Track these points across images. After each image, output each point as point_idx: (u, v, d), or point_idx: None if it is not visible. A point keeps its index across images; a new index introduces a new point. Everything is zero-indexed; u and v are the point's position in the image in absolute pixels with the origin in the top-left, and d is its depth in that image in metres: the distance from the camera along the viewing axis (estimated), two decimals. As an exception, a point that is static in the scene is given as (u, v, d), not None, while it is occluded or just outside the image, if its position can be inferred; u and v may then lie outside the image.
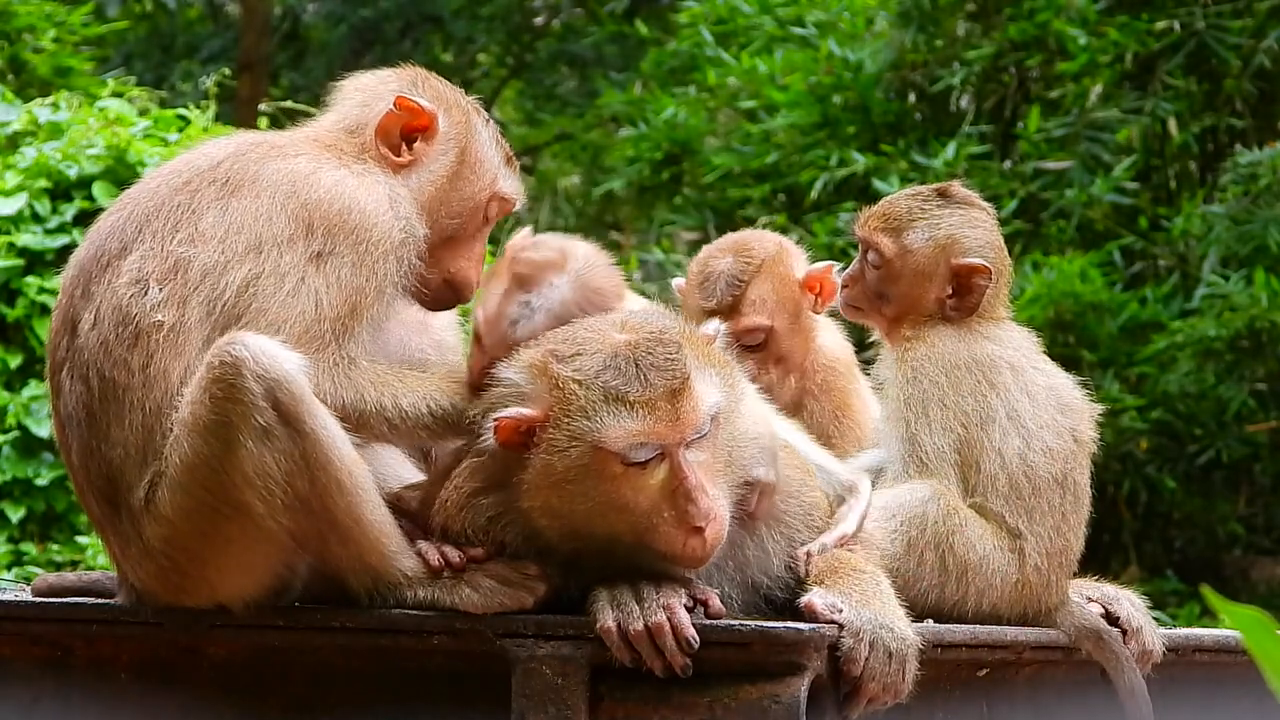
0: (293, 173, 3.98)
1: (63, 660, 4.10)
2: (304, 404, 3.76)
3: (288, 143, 4.11)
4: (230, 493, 3.77)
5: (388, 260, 3.96)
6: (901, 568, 4.18)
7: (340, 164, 4.05)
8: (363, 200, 3.98)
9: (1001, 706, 4.28)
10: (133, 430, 3.86)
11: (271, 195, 3.94)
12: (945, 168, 12.51)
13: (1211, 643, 4.78)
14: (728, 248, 4.90)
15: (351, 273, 3.91)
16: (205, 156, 4.07)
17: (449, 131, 4.19)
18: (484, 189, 4.23)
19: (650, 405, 3.63)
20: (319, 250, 3.91)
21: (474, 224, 4.23)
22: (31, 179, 10.03)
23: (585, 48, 20.93)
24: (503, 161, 4.29)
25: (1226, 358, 11.98)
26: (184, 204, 3.96)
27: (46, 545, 9.48)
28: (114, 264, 3.95)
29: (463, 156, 4.20)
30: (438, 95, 4.23)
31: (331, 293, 3.89)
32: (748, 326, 4.81)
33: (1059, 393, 4.42)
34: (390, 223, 3.99)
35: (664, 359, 3.66)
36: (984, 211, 4.54)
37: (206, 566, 3.87)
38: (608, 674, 3.70)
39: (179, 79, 20.38)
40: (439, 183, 4.16)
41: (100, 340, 3.90)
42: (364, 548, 3.83)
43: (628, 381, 3.64)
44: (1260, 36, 12.73)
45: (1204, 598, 4.33)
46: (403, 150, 4.14)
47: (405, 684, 3.90)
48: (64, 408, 4.00)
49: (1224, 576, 12.56)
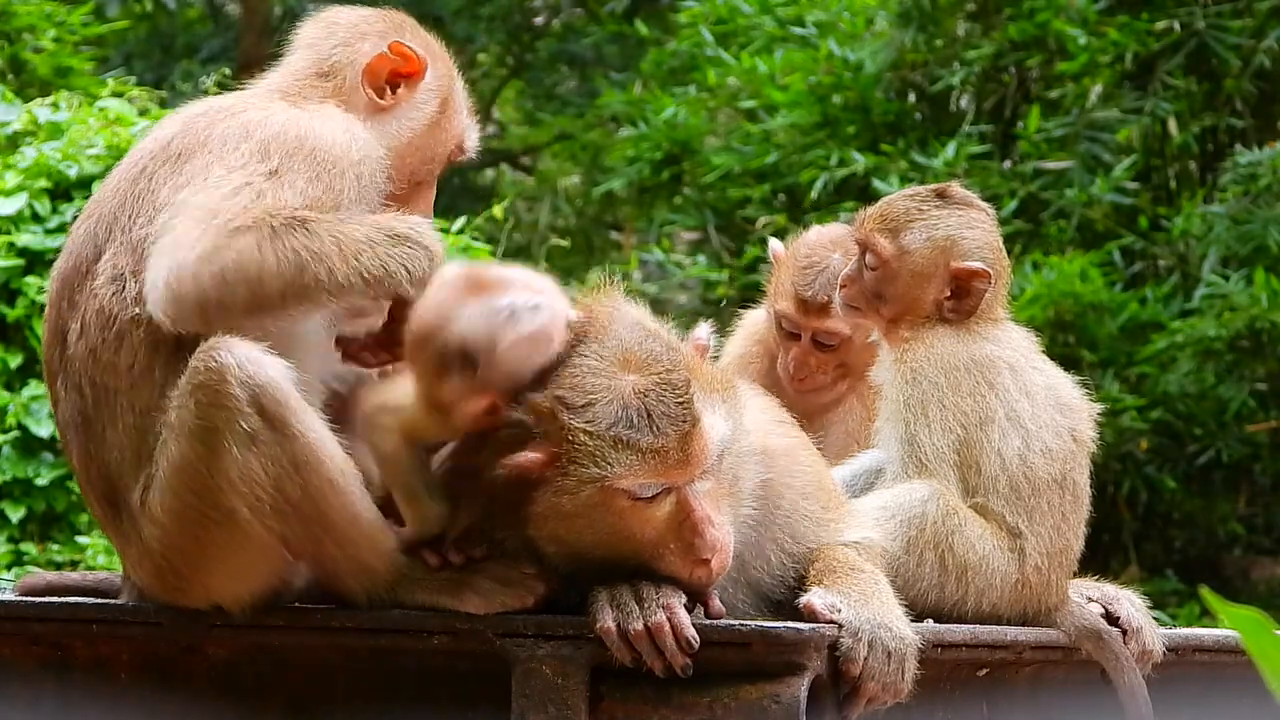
0: (244, 122, 3.95)
1: (63, 660, 4.10)
2: (289, 408, 3.73)
3: (235, 101, 4.10)
4: (217, 497, 3.75)
5: (345, 177, 3.91)
6: (901, 568, 4.19)
7: (292, 105, 4.04)
8: (318, 128, 3.95)
9: (1001, 706, 4.28)
10: (126, 433, 3.86)
11: (222, 145, 3.91)
12: (945, 168, 12.51)
13: (1211, 643, 4.78)
14: (839, 243, 4.94)
15: (307, 184, 3.86)
16: (156, 139, 4.05)
17: (433, 82, 4.23)
18: (455, 137, 4.29)
19: (661, 452, 3.61)
20: (273, 169, 3.86)
21: (440, 168, 4.29)
22: (31, 179, 10.03)
23: (585, 48, 20.92)
24: (468, 112, 4.36)
25: (1226, 358, 11.98)
26: (143, 190, 3.94)
27: (46, 545, 9.48)
28: (91, 269, 3.94)
29: (443, 107, 4.25)
30: (426, 44, 4.28)
31: (281, 194, 3.81)
32: (831, 329, 4.89)
33: (1058, 392, 4.42)
34: (346, 144, 3.95)
35: (675, 404, 3.62)
36: (982, 212, 4.53)
37: (199, 570, 3.86)
38: (608, 674, 3.70)
39: (179, 79, 20.37)
40: (418, 129, 4.19)
41: (88, 349, 3.90)
42: (361, 547, 3.82)
43: (639, 432, 3.60)
44: (1260, 36, 12.73)
45: (1203, 598, 4.33)
46: (386, 94, 4.17)
47: (405, 684, 3.90)
48: (61, 415, 4.00)
49: (1224, 576, 12.56)
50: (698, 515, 3.65)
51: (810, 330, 4.92)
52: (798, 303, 4.90)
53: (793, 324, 4.94)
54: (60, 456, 9.61)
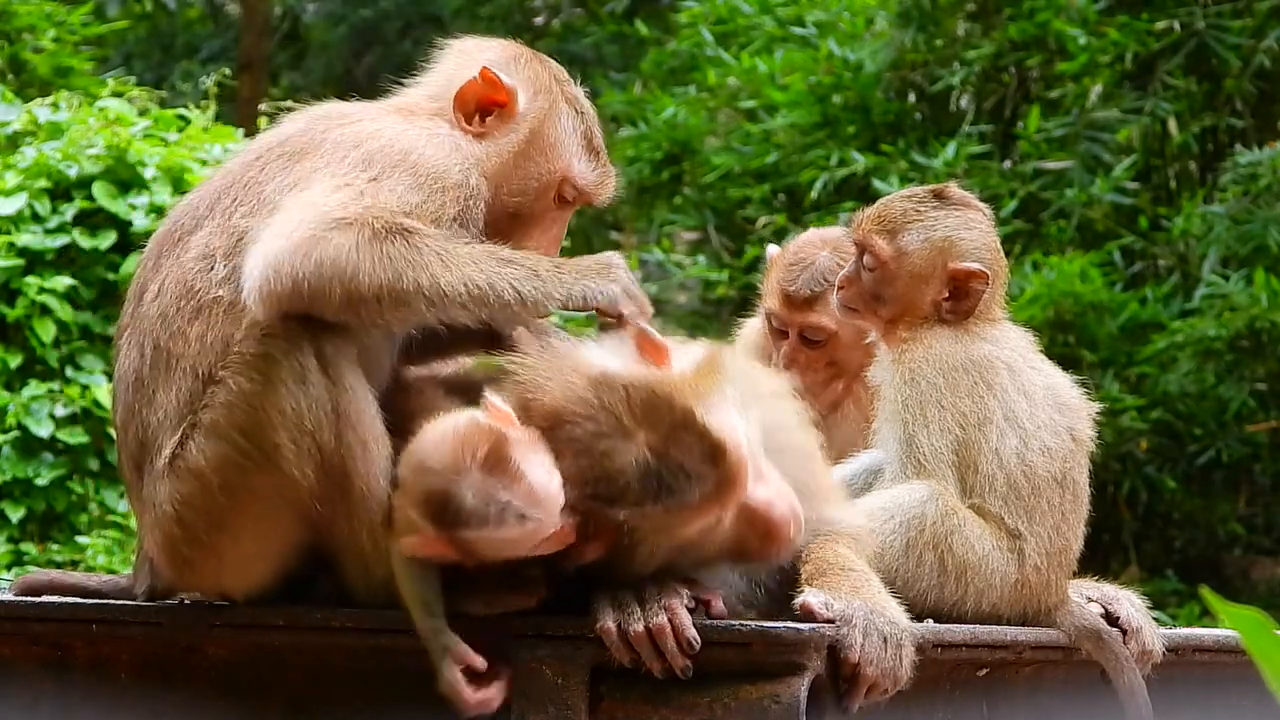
0: (357, 132, 4.01)
1: (63, 660, 4.10)
2: (345, 360, 3.78)
3: (358, 110, 4.16)
4: (264, 433, 3.78)
5: (446, 194, 3.94)
6: (900, 568, 4.18)
7: (406, 121, 4.08)
8: (423, 144, 3.99)
9: (1001, 706, 4.28)
10: (178, 394, 3.88)
11: (333, 151, 3.96)
12: (945, 168, 12.52)
13: (1211, 643, 4.79)
14: (830, 242, 4.98)
15: (406, 190, 3.89)
16: (277, 133, 4.12)
17: (526, 112, 4.21)
18: (553, 172, 4.23)
19: (707, 496, 3.60)
20: (374, 175, 3.90)
21: (542, 205, 4.24)
22: (31, 179, 10.04)
23: (585, 48, 20.93)
24: (582, 150, 4.28)
25: (1226, 358, 11.98)
26: (252, 179, 3.99)
27: (46, 545, 9.49)
28: (184, 239, 3.99)
29: (532, 138, 4.21)
30: (530, 76, 4.25)
31: (381, 196, 3.84)
32: (813, 323, 4.90)
33: (1056, 392, 4.42)
34: (449, 164, 3.99)
35: (698, 444, 3.59)
36: (980, 213, 4.53)
37: (222, 534, 3.85)
38: (608, 674, 3.70)
39: (179, 79, 20.39)
40: (504, 158, 4.17)
41: (160, 311, 3.94)
42: (366, 527, 3.82)
43: (682, 493, 3.58)
44: (1260, 36, 12.74)
45: (1203, 598, 4.35)
46: (475, 120, 4.17)
47: (405, 684, 3.90)
48: (118, 370, 4.05)
49: (1224, 576, 12.57)
50: (763, 514, 3.66)
51: (796, 325, 4.93)
52: (782, 297, 4.92)
53: (779, 320, 4.96)
54: (60, 456, 9.62)
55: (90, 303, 9.92)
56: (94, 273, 9.94)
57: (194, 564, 3.91)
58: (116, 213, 9.93)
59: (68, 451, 9.62)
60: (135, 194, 10.02)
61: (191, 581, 3.97)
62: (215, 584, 3.95)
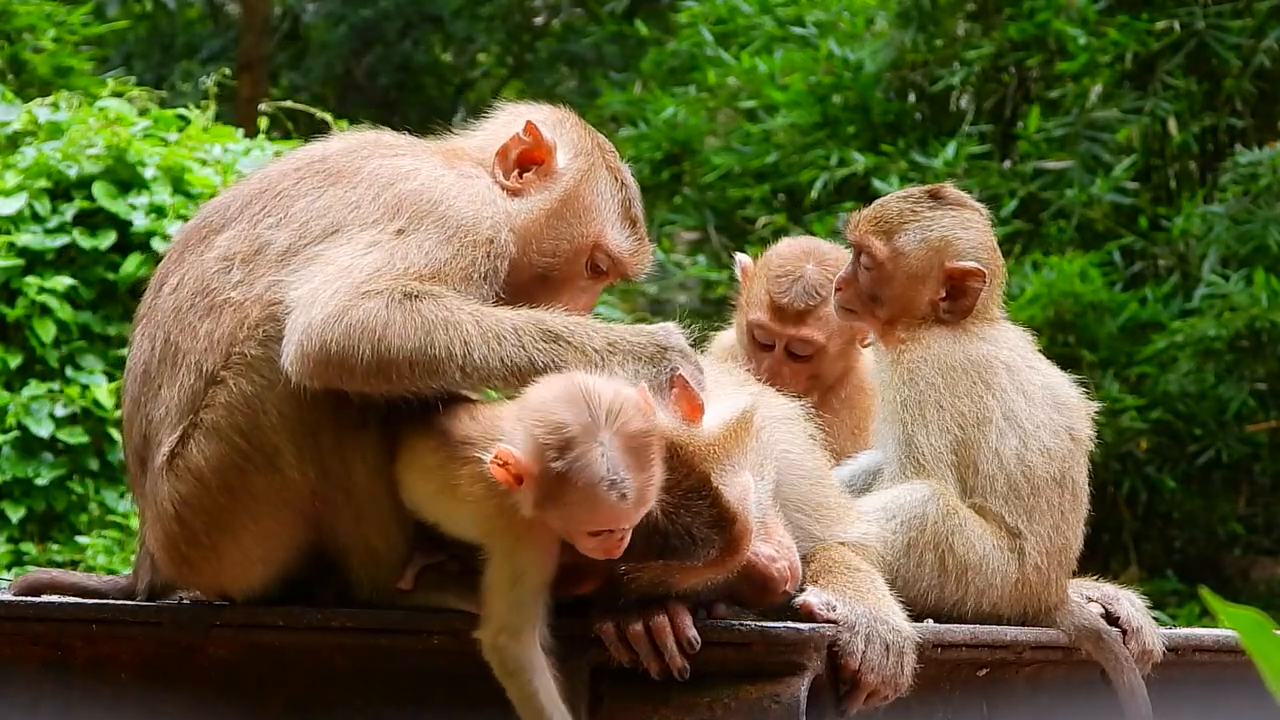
0: (394, 167, 3.99)
1: (63, 660, 4.10)
2: None
3: (403, 143, 4.14)
4: (265, 436, 3.78)
5: (476, 249, 3.89)
6: (901, 568, 4.19)
7: (446, 165, 4.05)
8: (455, 193, 3.95)
9: (1001, 706, 4.28)
10: (181, 391, 3.89)
11: (368, 186, 3.95)
12: (945, 168, 12.52)
13: (1211, 643, 4.79)
14: (813, 254, 4.92)
15: (435, 246, 3.85)
16: (322, 147, 4.13)
17: (564, 171, 4.16)
18: (585, 235, 4.16)
19: (709, 561, 3.61)
20: (401, 227, 3.87)
21: (573, 270, 4.17)
22: (31, 179, 10.03)
23: (585, 48, 20.93)
24: (618, 218, 4.22)
25: (1226, 358, 11.98)
26: (286, 190, 3.99)
27: (46, 545, 9.48)
28: (210, 238, 4.00)
29: (567, 198, 4.14)
30: (573, 138, 4.21)
31: (410, 257, 3.81)
32: (805, 337, 4.85)
33: (1055, 391, 4.42)
34: (480, 216, 3.94)
35: (708, 514, 3.60)
36: (976, 212, 4.53)
37: (222, 534, 3.85)
38: (608, 674, 3.70)
39: (179, 79, 20.38)
40: (536, 215, 4.11)
41: (175, 305, 3.95)
42: (373, 528, 3.83)
43: (683, 554, 3.59)
44: (1260, 36, 12.73)
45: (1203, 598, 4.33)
46: (514, 176, 4.13)
47: (405, 684, 3.90)
48: (129, 360, 4.07)
49: (1224, 576, 12.56)
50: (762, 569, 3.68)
51: (785, 339, 4.88)
52: (773, 310, 4.86)
53: (766, 333, 4.89)
54: (60, 456, 9.62)
55: (90, 303, 9.92)
56: (94, 273, 9.94)
57: (193, 563, 3.91)
58: (116, 213, 9.92)
59: (68, 451, 9.62)
60: (135, 194, 10.02)
61: (191, 579, 3.97)
62: (214, 583, 3.95)
